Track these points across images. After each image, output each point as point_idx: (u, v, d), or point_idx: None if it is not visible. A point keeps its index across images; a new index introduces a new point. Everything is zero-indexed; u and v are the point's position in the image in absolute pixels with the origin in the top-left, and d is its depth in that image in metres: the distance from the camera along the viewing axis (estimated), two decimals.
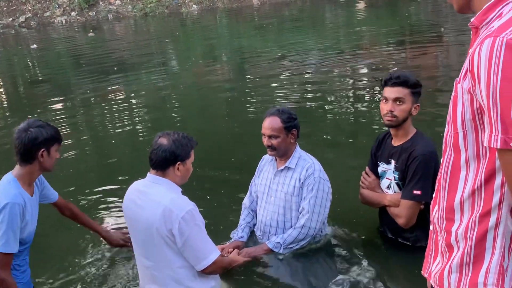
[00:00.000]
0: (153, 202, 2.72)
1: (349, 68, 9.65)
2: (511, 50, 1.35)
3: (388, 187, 3.43)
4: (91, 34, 16.67)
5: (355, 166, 4.46)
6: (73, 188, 5.26)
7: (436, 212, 1.72)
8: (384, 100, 3.21)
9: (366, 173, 3.55)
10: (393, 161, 3.34)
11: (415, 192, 3.15)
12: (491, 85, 1.37)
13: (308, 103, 7.39)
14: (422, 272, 1.84)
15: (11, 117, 8.71)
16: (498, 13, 1.49)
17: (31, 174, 2.84)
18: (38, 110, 8.68)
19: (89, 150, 6.66)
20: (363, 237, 3.78)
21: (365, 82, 8.56)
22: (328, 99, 7.69)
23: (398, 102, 3.16)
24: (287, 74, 9.52)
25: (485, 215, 1.55)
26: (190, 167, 2.86)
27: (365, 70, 9.38)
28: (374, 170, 3.53)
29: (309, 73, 9.50)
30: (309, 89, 8.36)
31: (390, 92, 3.17)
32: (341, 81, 8.70)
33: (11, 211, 2.67)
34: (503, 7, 1.49)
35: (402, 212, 3.24)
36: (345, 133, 6.18)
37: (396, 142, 3.34)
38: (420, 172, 3.12)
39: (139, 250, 2.89)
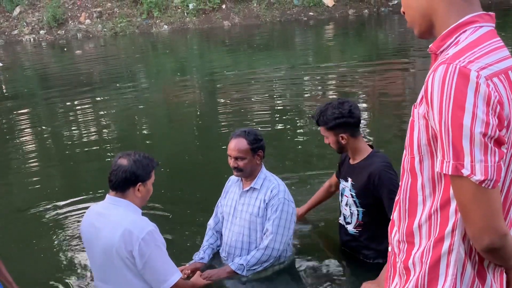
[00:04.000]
0: (113, 223, 2.67)
1: (318, 90, 9.76)
2: (463, 78, 1.38)
3: (346, 204, 3.51)
4: (78, 51, 16.52)
5: (317, 186, 4.51)
6: (35, 203, 5.17)
7: (396, 234, 1.72)
8: None
9: None
10: (349, 179, 3.45)
11: None
12: (443, 112, 1.39)
13: (277, 124, 7.44)
14: None
15: None
16: (455, 40, 1.51)
17: None
18: (5, 125, 8.54)
19: (54, 168, 6.56)
20: (326, 256, 3.82)
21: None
22: (297, 119, 7.75)
23: (325, 138, 3.44)
24: (256, 94, 9.58)
25: (439, 240, 1.55)
26: (150, 188, 2.83)
27: (332, 92, 9.50)
28: (337, 174, 3.79)
29: (278, 94, 9.57)
30: (278, 109, 8.43)
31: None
32: (310, 104, 8.79)
33: None
34: (460, 34, 1.51)
35: None
36: (312, 154, 6.22)
37: (352, 161, 3.47)
38: (390, 186, 3.20)
39: (97, 274, 2.83)
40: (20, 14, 20.28)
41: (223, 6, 19.69)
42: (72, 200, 5.22)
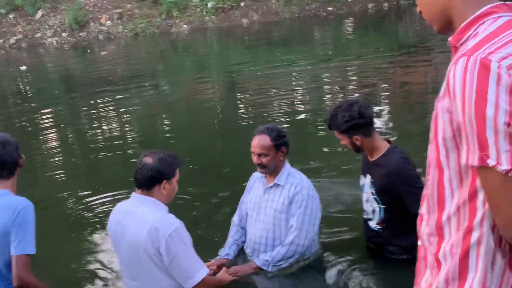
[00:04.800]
0: (139, 221, 2.71)
1: (338, 84, 9.73)
2: (484, 69, 1.37)
3: (367, 201, 3.51)
4: (103, 52, 16.73)
5: (341, 182, 4.50)
6: (60, 199, 5.29)
7: (425, 228, 1.72)
8: None
9: None
10: (368, 176, 3.44)
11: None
12: (466, 104, 1.39)
13: (298, 119, 7.44)
14: (414, 287, 1.85)
15: None
16: (474, 32, 1.50)
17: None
18: (27, 124, 8.68)
19: (78, 166, 6.68)
20: (351, 252, 3.79)
21: (354, 97, 8.61)
22: (318, 114, 7.74)
23: (341, 140, 3.44)
24: (277, 90, 9.59)
25: (469, 232, 1.55)
26: (175, 186, 2.86)
27: (354, 87, 9.46)
28: None
29: (298, 89, 9.57)
30: (299, 105, 8.43)
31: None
32: (330, 97, 8.78)
33: (31, 213, 2.72)
34: (478, 26, 1.50)
35: None
36: (335, 148, 6.19)
37: (370, 158, 3.46)
38: (409, 182, 3.20)
39: (126, 271, 2.87)
40: (42, 17, 20.57)
41: (242, 4, 19.71)
42: (95, 196, 5.32)
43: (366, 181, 3.48)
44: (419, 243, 1.79)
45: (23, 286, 2.67)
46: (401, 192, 3.23)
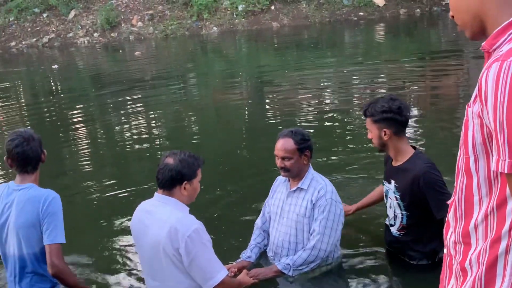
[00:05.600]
0: (160, 221, 2.72)
1: (368, 88, 9.65)
2: None
3: (390, 207, 3.48)
4: (137, 53, 16.99)
5: (366, 182, 4.43)
6: (86, 195, 5.38)
7: (452, 235, 1.69)
8: None
9: None
10: (393, 181, 3.40)
11: (449, 202, 3.15)
12: (498, 110, 1.36)
13: (325, 123, 7.41)
14: None
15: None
16: (508, 38, 1.47)
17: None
18: (58, 123, 8.88)
19: (106, 164, 6.77)
20: (372, 257, 3.77)
21: None
22: (346, 119, 7.69)
23: (368, 132, 3.41)
24: (305, 92, 9.58)
25: (496, 241, 1.52)
26: (197, 186, 2.86)
27: (383, 90, 9.38)
28: None
29: (326, 93, 9.53)
30: (327, 107, 8.40)
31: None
32: (359, 101, 8.71)
33: (59, 203, 2.83)
34: None
35: None
36: (360, 153, 6.13)
37: (395, 163, 3.42)
38: (436, 187, 3.17)
39: (146, 270, 2.89)
40: (75, 17, 20.93)
41: (272, 7, 19.73)
42: (121, 192, 5.38)
43: (390, 186, 3.44)
44: (444, 250, 1.77)
45: (58, 274, 2.75)
46: (427, 197, 3.19)
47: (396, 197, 3.39)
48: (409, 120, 3.41)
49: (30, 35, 20.75)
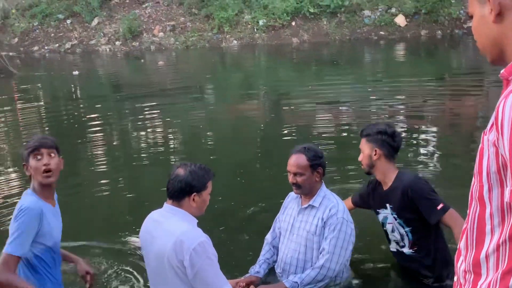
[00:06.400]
0: (166, 232, 2.70)
1: (385, 105, 9.61)
2: None
3: (393, 231, 3.53)
4: (161, 62, 17.19)
5: None
6: (101, 210, 5.36)
7: (462, 264, 1.66)
8: None
9: None
10: (388, 205, 3.49)
11: (439, 208, 3.28)
12: None
13: (342, 140, 7.38)
14: None
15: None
16: None
17: (38, 186, 2.86)
18: (76, 126, 8.99)
19: (121, 175, 6.80)
20: (384, 279, 3.75)
21: (401, 123, 8.47)
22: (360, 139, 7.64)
23: (361, 152, 3.53)
24: (322, 108, 9.56)
25: (508, 272, 1.47)
26: (206, 199, 2.84)
27: (400, 109, 9.34)
28: (356, 203, 3.92)
29: (344, 110, 9.50)
30: (343, 124, 8.39)
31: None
32: (376, 118, 8.69)
33: (29, 214, 2.70)
34: None
35: (453, 226, 3.27)
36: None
37: (385, 187, 3.52)
38: (424, 194, 3.31)
39: (152, 280, 2.88)
40: (98, 25, 21.20)
41: (293, 23, 19.80)
42: (132, 197, 5.40)
43: (387, 211, 3.52)
44: (454, 278, 1.73)
45: None
46: (419, 206, 3.31)
47: (394, 217, 3.47)
48: (399, 148, 3.54)
49: (53, 40, 21.06)
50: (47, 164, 2.80)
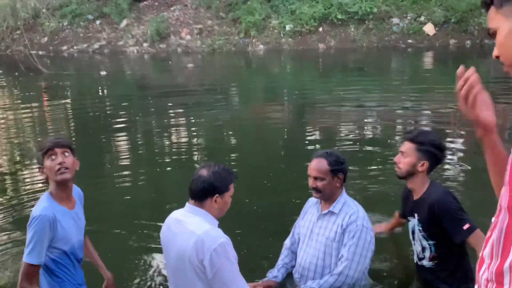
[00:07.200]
0: (188, 231, 2.71)
1: (411, 116, 9.51)
2: None
3: (416, 240, 3.48)
4: (190, 65, 17.38)
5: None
6: (124, 211, 5.41)
7: (484, 273, 1.63)
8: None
9: None
10: (416, 214, 3.42)
11: (465, 228, 3.17)
12: None
13: (364, 148, 7.32)
14: None
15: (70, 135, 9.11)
16: None
17: (54, 188, 2.87)
18: (101, 122, 9.12)
19: (144, 173, 6.86)
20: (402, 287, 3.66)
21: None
22: (385, 143, 7.59)
23: (403, 155, 3.38)
24: (346, 115, 9.51)
25: None
26: (228, 201, 2.84)
27: (426, 118, 9.23)
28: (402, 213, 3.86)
29: (368, 116, 9.43)
30: (367, 132, 8.33)
31: (402, 145, 3.45)
32: (400, 127, 8.61)
33: (41, 222, 2.71)
34: None
35: (477, 248, 3.10)
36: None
37: (415, 196, 3.45)
38: (451, 212, 3.21)
39: (171, 279, 2.88)
40: (127, 27, 21.45)
41: (320, 29, 19.75)
42: (157, 206, 5.40)
43: (414, 220, 3.46)
44: (475, 287, 1.70)
45: None
46: (444, 223, 3.22)
47: (419, 229, 3.40)
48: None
49: (81, 40, 21.36)
50: (62, 163, 2.81)
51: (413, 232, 3.52)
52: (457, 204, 3.25)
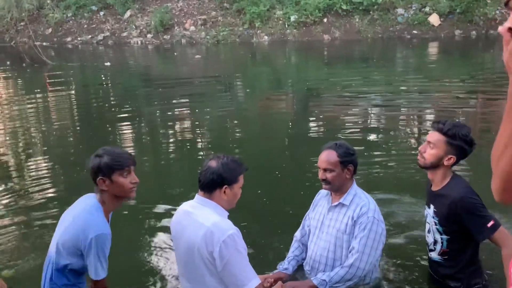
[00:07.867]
0: (197, 223, 2.70)
1: (415, 106, 9.48)
2: None
3: (428, 231, 3.43)
4: (197, 56, 17.35)
5: (408, 201, 4.31)
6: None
7: None
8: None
9: None
10: (432, 206, 3.34)
11: (489, 225, 3.07)
12: None
13: (369, 139, 7.30)
14: None
15: (77, 129, 9.09)
16: None
17: (112, 200, 2.85)
18: (107, 125, 9.09)
19: (148, 167, 6.84)
20: (413, 281, 3.64)
21: (429, 124, 8.35)
22: (389, 134, 7.56)
23: (430, 145, 3.23)
24: (350, 107, 9.47)
25: None
26: (238, 192, 2.82)
27: (430, 111, 9.19)
28: None
29: (373, 108, 9.40)
30: (371, 123, 8.33)
31: (429, 135, 3.28)
32: (405, 119, 8.57)
33: (108, 239, 2.74)
34: None
35: (502, 245, 3.08)
36: (404, 171, 5.99)
37: (434, 188, 3.35)
38: (475, 211, 3.09)
39: (181, 270, 2.88)
40: (130, 18, 21.39)
41: (325, 20, 19.67)
42: (162, 199, 5.39)
43: (429, 211, 3.39)
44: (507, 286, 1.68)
45: None
46: (466, 222, 3.12)
47: (435, 222, 3.32)
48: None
49: (85, 31, 21.33)
50: (136, 182, 2.84)
51: (428, 223, 3.46)
52: (480, 201, 3.12)
